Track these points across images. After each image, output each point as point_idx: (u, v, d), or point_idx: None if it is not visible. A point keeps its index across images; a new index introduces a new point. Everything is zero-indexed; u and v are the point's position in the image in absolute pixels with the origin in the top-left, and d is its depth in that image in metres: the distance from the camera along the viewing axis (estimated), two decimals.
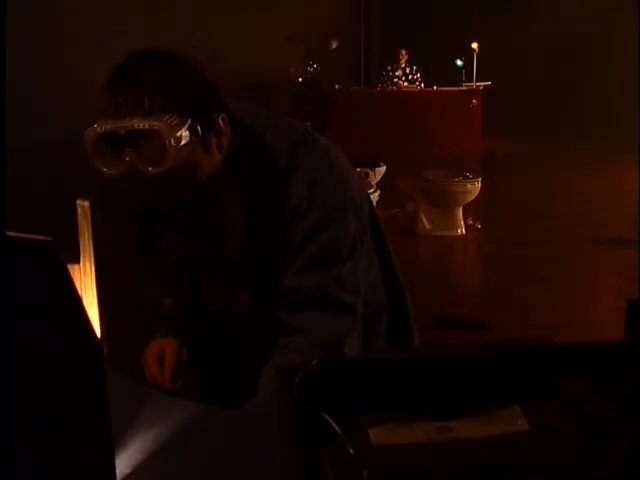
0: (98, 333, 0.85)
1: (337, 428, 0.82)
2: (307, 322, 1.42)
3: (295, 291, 1.42)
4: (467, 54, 10.67)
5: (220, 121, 1.36)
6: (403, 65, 10.99)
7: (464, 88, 10.92)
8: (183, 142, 1.28)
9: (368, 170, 6.11)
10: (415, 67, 10.97)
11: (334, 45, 5.90)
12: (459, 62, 10.80)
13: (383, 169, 6.39)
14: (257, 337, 1.58)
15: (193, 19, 11.91)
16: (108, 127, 1.26)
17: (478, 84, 10.83)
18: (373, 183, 6.04)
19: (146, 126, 1.24)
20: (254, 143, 1.44)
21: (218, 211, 1.48)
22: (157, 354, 1.63)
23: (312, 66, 11.82)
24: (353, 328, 1.47)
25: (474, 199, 6.10)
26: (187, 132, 1.28)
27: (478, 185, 6.01)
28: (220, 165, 1.40)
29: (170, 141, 1.26)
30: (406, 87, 10.96)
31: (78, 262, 1.34)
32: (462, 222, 6.13)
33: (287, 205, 1.41)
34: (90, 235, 1.31)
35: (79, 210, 1.32)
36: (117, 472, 0.93)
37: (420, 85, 11.01)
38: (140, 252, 1.73)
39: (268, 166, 1.43)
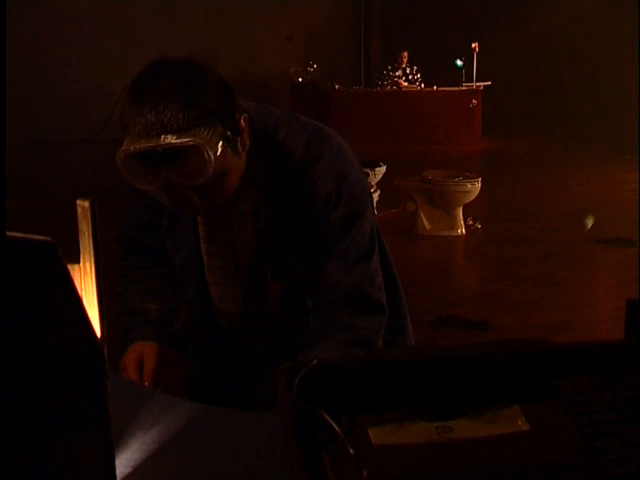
0: (98, 333, 0.85)
1: (337, 428, 0.82)
2: (351, 318, 1.45)
3: (334, 288, 1.45)
4: (467, 54, 10.67)
5: (242, 120, 1.36)
6: (404, 66, 11.00)
7: (464, 88, 10.92)
8: (220, 151, 1.28)
9: (368, 170, 6.11)
10: (415, 67, 10.97)
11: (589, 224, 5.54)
12: (459, 62, 10.79)
13: (383, 169, 6.39)
14: (268, 336, 1.58)
15: (193, 19, 11.91)
16: (142, 147, 1.24)
17: (478, 84, 10.82)
18: (373, 183, 6.04)
19: (184, 142, 1.23)
20: (269, 140, 1.44)
21: (237, 208, 1.48)
22: (136, 358, 1.56)
23: (312, 66, 11.82)
24: (383, 326, 1.51)
25: (474, 199, 6.10)
26: (220, 139, 1.28)
27: (478, 185, 6.00)
28: (247, 161, 1.40)
29: (209, 153, 1.25)
30: (406, 87, 10.97)
31: (78, 262, 1.34)
32: (462, 222, 6.13)
33: (313, 197, 1.43)
34: (90, 235, 1.30)
35: (79, 210, 1.31)
36: (117, 472, 0.93)
37: (420, 85, 11.01)
38: (133, 254, 1.69)
39: (285, 161, 1.44)
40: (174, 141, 1.22)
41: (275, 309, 1.52)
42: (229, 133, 1.30)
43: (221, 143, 1.28)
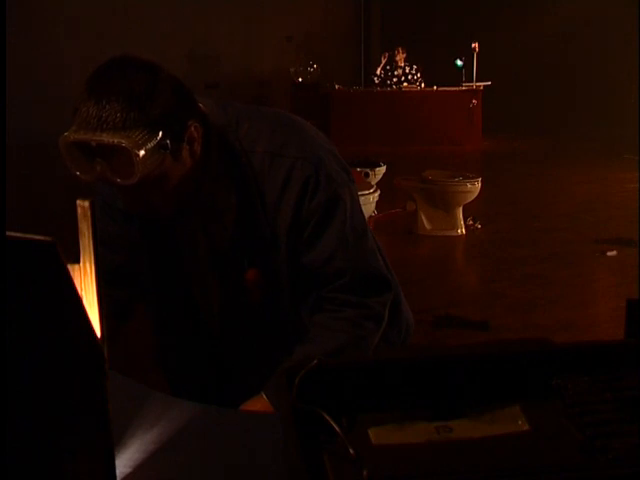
0: (98, 333, 0.85)
1: (337, 428, 0.82)
2: (361, 299, 1.50)
3: (342, 274, 1.49)
4: (467, 54, 10.68)
5: (193, 129, 1.37)
6: (402, 64, 10.99)
7: (464, 88, 10.92)
8: (151, 157, 1.29)
9: (368, 170, 6.11)
10: (415, 67, 10.97)
11: None
12: (459, 62, 10.80)
13: (383, 169, 6.39)
14: (254, 333, 1.58)
15: (193, 19, 11.91)
16: (79, 138, 1.28)
17: (478, 84, 10.83)
18: (373, 183, 6.03)
19: (114, 141, 1.26)
20: (231, 135, 1.45)
21: (206, 207, 1.49)
22: None
23: (312, 66, 11.82)
24: (390, 299, 1.56)
25: (474, 199, 6.10)
26: (156, 147, 1.30)
27: (478, 185, 6.00)
28: (196, 168, 1.41)
29: (138, 156, 1.27)
30: (406, 87, 10.97)
31: (78, 262, 1.34)
32: (462, 222, 6.12)
33: (289, 184, 1.44)
34: (90, 235, 1.30)
35: (79, 210, 1.31)
36: (117, 472, 0.93)
37: (420, 85, 11.02)
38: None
39: (252, 152, 1.45)
40: (106, 139, 1.27)
41: (254, 299, 1.53)
42: (168, 142, 1.32)
43: (155, 149, 1.30)
